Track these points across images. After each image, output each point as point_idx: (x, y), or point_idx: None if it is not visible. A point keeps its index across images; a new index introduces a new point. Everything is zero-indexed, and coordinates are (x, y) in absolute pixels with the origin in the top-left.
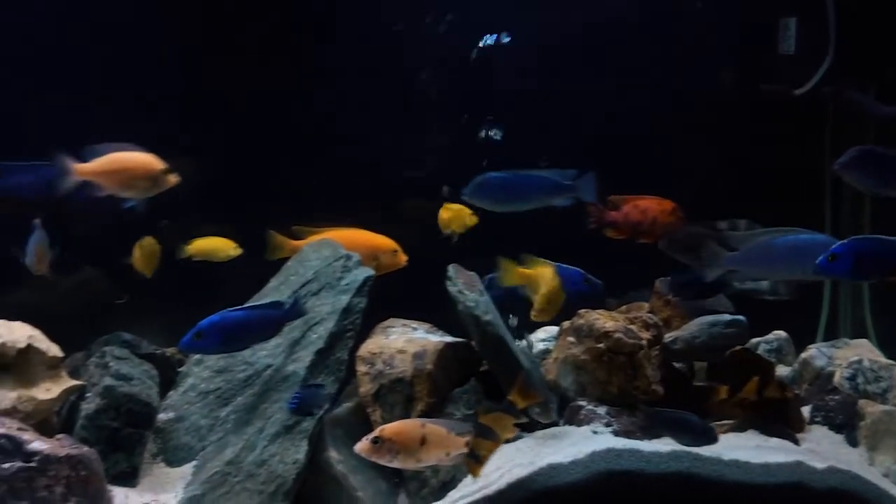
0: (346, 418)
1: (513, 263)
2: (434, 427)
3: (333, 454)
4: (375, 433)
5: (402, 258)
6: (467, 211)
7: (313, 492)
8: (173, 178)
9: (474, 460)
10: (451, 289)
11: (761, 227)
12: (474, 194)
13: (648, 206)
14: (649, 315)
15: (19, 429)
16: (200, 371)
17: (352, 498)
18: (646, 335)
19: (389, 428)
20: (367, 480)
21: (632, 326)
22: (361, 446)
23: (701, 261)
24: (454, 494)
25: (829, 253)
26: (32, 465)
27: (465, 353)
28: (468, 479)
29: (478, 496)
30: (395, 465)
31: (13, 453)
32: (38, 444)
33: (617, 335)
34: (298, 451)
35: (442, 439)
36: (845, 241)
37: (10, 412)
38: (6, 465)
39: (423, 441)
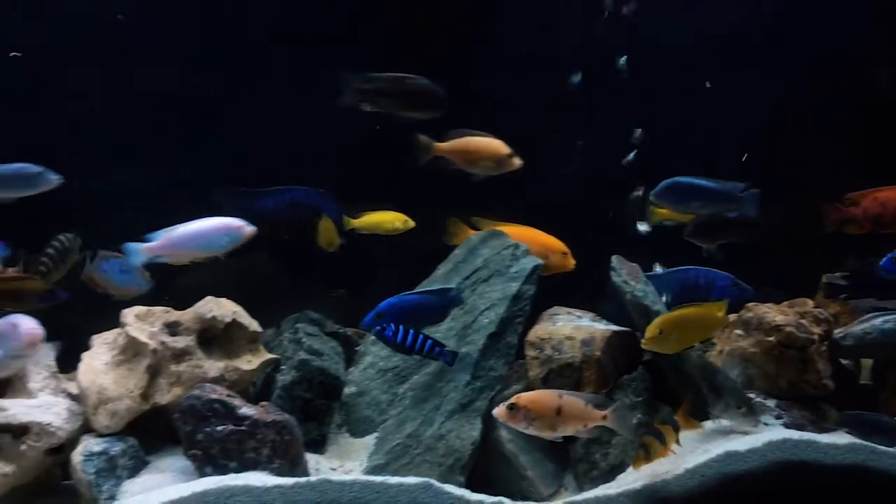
0: None
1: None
2: (571, 399)
3: (504, 434)
4: (512, 400)
5: (571, 261)
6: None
7: (484, 469)
8: (517, 161)
9: (644, 453)
10: (616, 279)
11: None
12: (661, 195)
13: (889, 197)
14: (820, 310)
15: (229, 395)
16: (378, 350)
17: (521, 477)
18: (817, 330)
19: (526, 396)
20: (535, 461)
21: (803, 321)
22: (498, 411)
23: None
24: (626, 478)
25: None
26: (243, 428)
27: (631, 342)
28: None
29: (655, 479)
30: (531, 432)
31: (226, 417)
32: (247, 409)
33: (789, 329)
34: (473, 429)
35: (579, 411)
36: None
37: (218, 380)
38: (220, 428)
39: (559, 411)
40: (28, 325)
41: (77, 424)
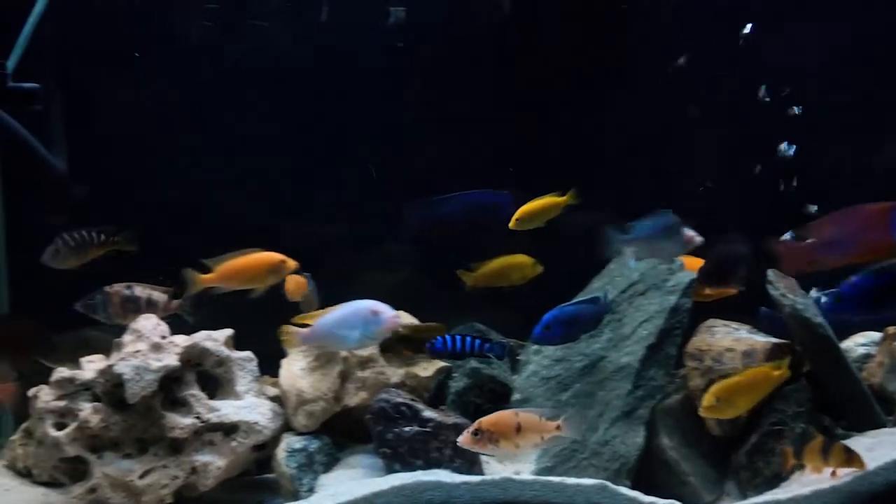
0: (676, 409)
1: None
2: (526, 415)
3: (665, 441)
4: (475, 426)
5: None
6: None
7: (647, 475)
8: None
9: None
10: (774, 293)
11: None
12: None
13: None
14: None
15: (412, 399)
16: (540, 360)
17: (683, 483)
18: None
19: (486, 420)
20: (697, 468)
21: None
22: (463, 439)
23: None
24: (792, 486)
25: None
26: (427, 429)
27: (790, 354)
28: (807, 469)
29: (824, 486)
30: (498, 451)
31: (412, 419)
32: (430, 412)
33: None
34: (638, 435)
35: (535, 425)
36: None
37: (398, 386)
38: (407, 429)
39: (519, 428)
40: (389, 312)
41: (279, 424)
